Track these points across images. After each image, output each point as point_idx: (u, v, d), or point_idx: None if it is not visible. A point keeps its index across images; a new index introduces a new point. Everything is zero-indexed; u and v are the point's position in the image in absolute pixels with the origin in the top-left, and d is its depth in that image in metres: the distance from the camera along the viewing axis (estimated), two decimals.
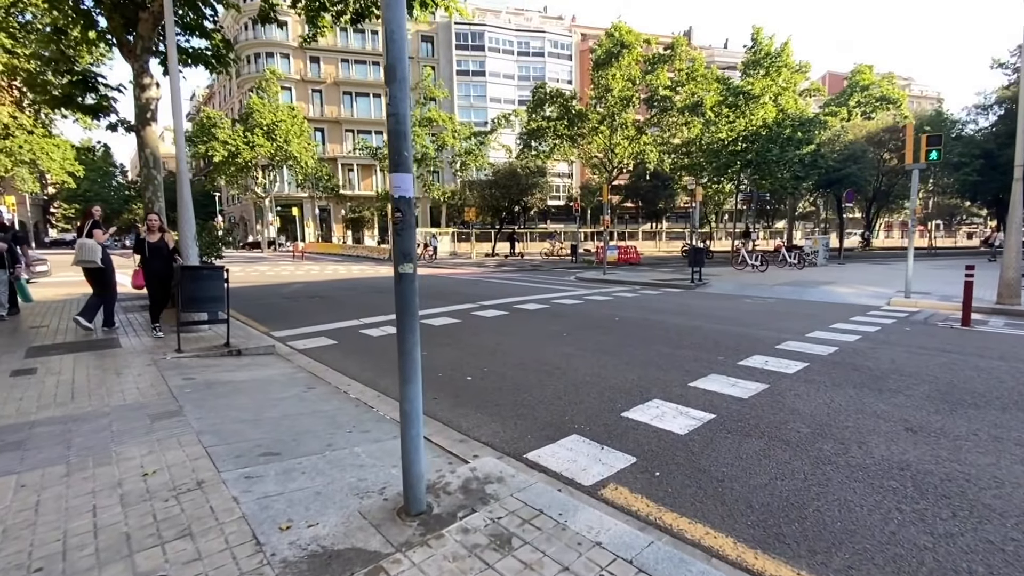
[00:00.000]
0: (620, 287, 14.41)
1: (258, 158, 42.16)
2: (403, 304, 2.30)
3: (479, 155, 42.83)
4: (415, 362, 2.36)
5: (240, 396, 4.54)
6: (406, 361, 2.34)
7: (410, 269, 2.26)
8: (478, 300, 11.29)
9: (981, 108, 37.30)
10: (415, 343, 2.34)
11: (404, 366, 2.35)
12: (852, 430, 3.75)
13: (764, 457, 3.33)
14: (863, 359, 5.82)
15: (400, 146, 2.20)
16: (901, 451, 3.40)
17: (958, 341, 6.86)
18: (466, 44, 56.33)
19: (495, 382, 5.11)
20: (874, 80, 43.31)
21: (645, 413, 4.13)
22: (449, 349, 6.62)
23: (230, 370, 5.51)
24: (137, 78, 9.35)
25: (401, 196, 2.23)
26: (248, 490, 2.75)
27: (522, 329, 8.00)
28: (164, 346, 6.37)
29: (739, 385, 4.84)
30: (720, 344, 6.67)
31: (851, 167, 31.04)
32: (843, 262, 25.72)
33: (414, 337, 2.33)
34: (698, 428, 3.82)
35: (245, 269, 22.31)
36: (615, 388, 4.82)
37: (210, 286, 6.01)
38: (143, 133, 9.42)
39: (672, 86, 32.94)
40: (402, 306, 2.30)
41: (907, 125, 11.26)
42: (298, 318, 9.17)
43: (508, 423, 4.00)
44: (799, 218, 55.66)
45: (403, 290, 2.28)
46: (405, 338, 2.32)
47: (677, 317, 8.98)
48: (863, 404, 4.30)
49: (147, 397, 4.40)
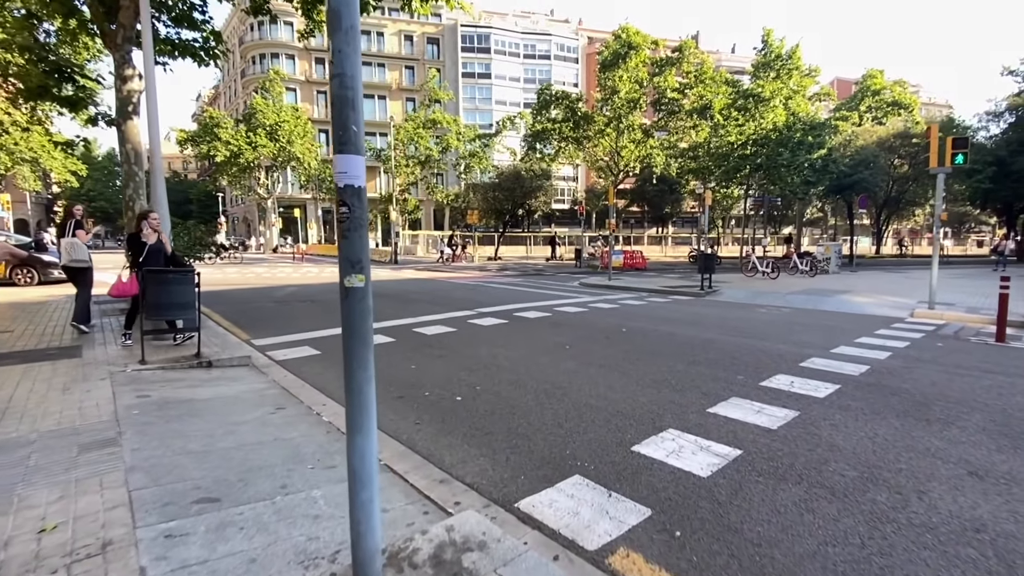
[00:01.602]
0: (626, 294, 13.82)
1: (261, 159, 41.84)
2: (351, 328, 1.73)
3: (483, 157, 42.38)
4: (367, 405, 1.79)
5: (194, 419, 3.98)
6: (355, 404, 1.77)
7: (360, 282, 1.70)
8: (476, 307, 10.73)
9: (992, 115, 36.50)
10: (367, 380, 1.78)
11: (353, 411, 1.78)
12: (906, 474, 3.16)
13: (807, 511, 2.74)
14: (899, 381, 5.21)
15: (347, 118, 1.64)
16: (971, 504, 2.80)
17: (998, 360, 6.24)
18: (472, 46, 55.96)
19: (488, 403, 4.53)
20: (885, 85, 42.62)
21: (659, 447, 3.55)
22: (440, 362, 6.05)
23: (194, 385, 4.97)
24: (118, 69, 8.87)
25: (348, 185, 1.67)
26: (163, 556, 2.19)
27: (521, 340, 7.42)
28: (129, 357, 5.84)
29: (765, 412, 4.25)
30: (738, 360, 6.07)
31: (863, 172, 30.35)
32: (855, 269, 25.01)
33: (365, 372, 1.76)
34: (723, 468, 3.23)
35: (241, 271, 21.85)
36: (624, 414, 4.23)
37: (178, 291, 5.47)
38: (124, 127, 8.92)
39: (680, 88, 32.39)
40: (350, 330, 1.73)
41: (931, 127, 10.64)
42: (284, 324, 8.64)
43: (499, 458, 3.43)
44: (806, 224, 54.89)
45: (351, 309, 1.72)
46: (354, 373, 1.75)
47: (689, 328, 8.38)
48: (912, 439, 3.70)
49: (87, 420, 3.85)
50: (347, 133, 1.64)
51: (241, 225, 60.00)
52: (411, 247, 40.37)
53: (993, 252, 28.98)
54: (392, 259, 28.75)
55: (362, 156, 1.69)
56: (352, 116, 1.64)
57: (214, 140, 39.28)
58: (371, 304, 1.75)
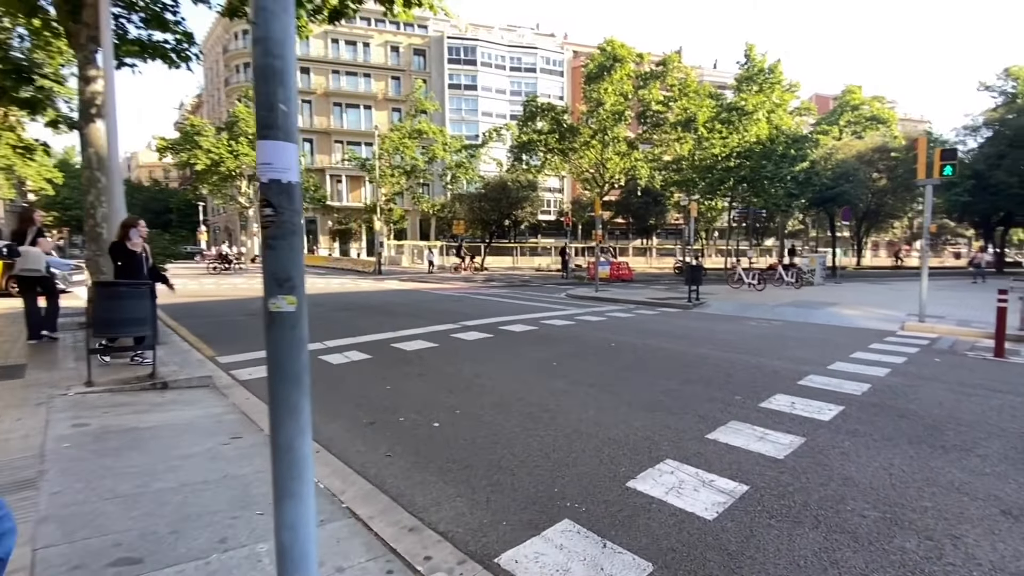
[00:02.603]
0: (614, 306, 13.53)
1: (243, 167, 41.06)
2: (278, 364, 1.34)
3: (469, 168, 42.17)
4: (299, 464, 1.40)
5: (134, 453, 3.51)
6: (284, 463, 1.38)
7: (289, 306, 1.32)
8: (460, 320, 10.32)
9: (970, 129, 37.52)
10: (300, 432, 1.39)
11: (281, 472, 1.39)
12: (933, 514, 2.83)
13: (829, 563, 2.39)
14: (905, 401, 4.94)
15: (273, 94, 1.27)
16: (1013, 552, 2.48)
17: (1001, 377, 6.03)
18: (458, 58, 56.05)
19: (468, 430, 4.13)
20: (864, 100, 43.57)
21: (657, 482, 3.18)
22: (419, 382, 5.63)
23: (143, 411, 4.48)
24: (81, 69, 8.40)
25: (274, 180, 1.30)
26: None
27: (506, 356, 7.04)
28: (76, 378, 5.31)
29: (768, 438, 3.91)
30: (733, 378, 5.76)
31: (844, 185, 30.75)
32: (839, 281, 25.16)
33: (297, 422, 1.37)
34: (729, 509, 2.87)
35: (218, 282, 21.13)
36: (616, 442, 3.87)
37: (131, 305, 4.99)
38: (87, 130, 8.41)
39: (665, 101, 32.64)
40: (276, 368, 1.34)
41: (919, 139, 10.62)
42: (255, 339, 8.12)
43: (479, 498, 3.03)
44: (788, 236, 55.60)
45: (277, 341, 1.33)
46: (281, 424, 1.36)
47: (680, 343, 8.08)
48: (932, 470, 3.40)
49: (8, 455, 3.36)
50: (273, 114, 1.27)
51: (222, 235, 58.79)
52: (396, 257, 39.83)
53: (970, 264, 29.56)
54: (376, 269, 28.20)
55: (293, 144, 1.32)
56: (280, 92, 1.27)
57: (195, 148, 38.48)
58: (305, 333, 1.37)
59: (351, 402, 4.90)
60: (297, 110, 1.34)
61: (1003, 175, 32.28)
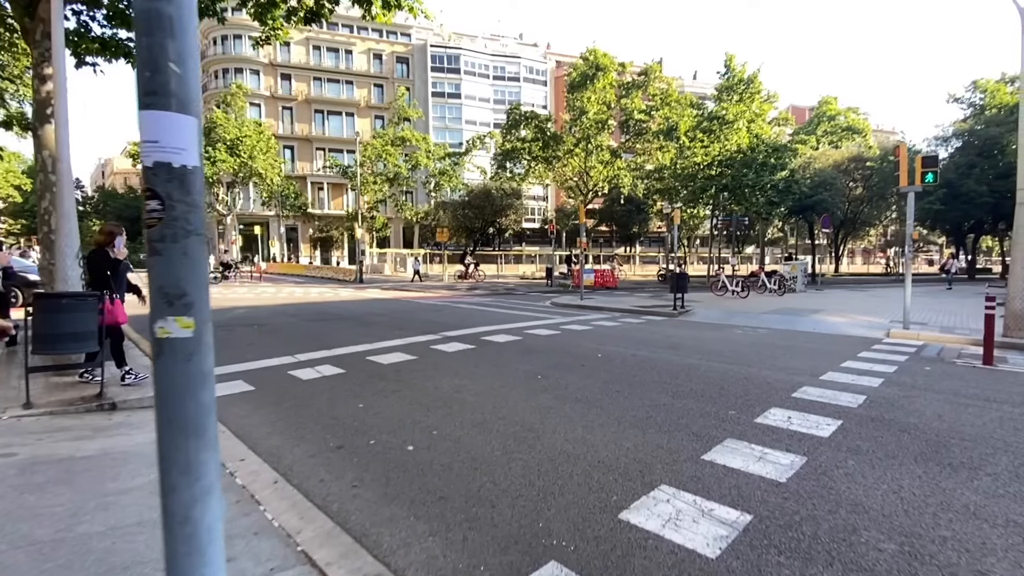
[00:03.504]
0: (599, 314, 13.29)
1: (220, 174, 40.12)
2: (170, 409, 1.01)
3: (453, 175, 41.91)
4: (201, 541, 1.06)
5: (63, 488, 3.10)
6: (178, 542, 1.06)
7: (184, 330, 0.98)
8: (441, 330, 9.96)
9: (941, 140, 38.57)
10: (201, 497, 1.06)
11: (174, 554, 1.05)
12: (954, 545, 2.58)
13: None
14: (903, 414, 4.74)
15: (159, 50, 0.95)
16: None
17: (994, 386, 5.90)
18: (442, 66, 55.98)
19: (445, 454, 3.79)
20: (840, 111, 44.56)
21: (653, 513, 2.88)
22: (394, 399, 5.26)
23: (83, 436, 4.04)
24: (36, 67, 7.89)
25: (161, 164, 0.97)
26: None
27: (489, 369, 6.70)
28: (14, 400, 4.82)
29: (768, 458, 3.65)
30: (726, 391, 5.52)
31: (823, 193, 31.28)
32: (820, 288, 25.41)
33: (196, 485, 1.05)
34: (733, 543, 2.58)
35: None
36: (607, 465, 3.56)
37: (74, 319, 4.54)
38: (41, 132, 7.89)
39: (647, 110, 32.86)
40: (166, 410, 1.01)
41: (900, 146, 10.65)
42: (223, 353, 7.65)
43: (454, 536, 2.69)
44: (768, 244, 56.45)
45: (170, 377, 1.00)
46: (175, 488, 1.03)
47: (668, 352, 7.84)
48: (944, 492, 3.16)
49: None
50: (161, 76, 0.95)
51: None
52: (379, 265, 39.18)
53: (941, 270, 30.27)
54: (357, 278, 27.61)
55: (192, 117, 1.00)
56: (171, 47, 0.95)
57: None
58: (209, 366, 1.04)
59: (319, 423, 4.51)
60: (198, 72, 1.02)
61: (973, 184, 33.19)
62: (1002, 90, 35.71)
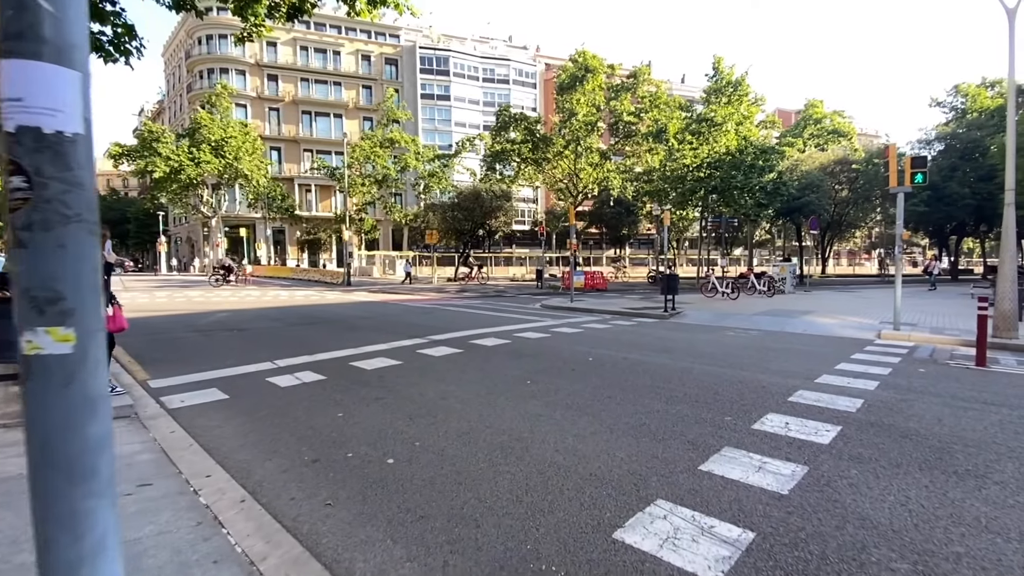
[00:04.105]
0: (589, 316, 13.13)
1: (205, 175, 39.43)
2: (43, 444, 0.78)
3: (442, 177, 41.63)
4: None
5: (5, 512, 2.82)
6: None
7: (61, 344, 0.76)
8: (429, 334, 9.71)
9: (924, 143, 39.10)
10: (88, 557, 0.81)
11: None
12: (968, 563, 2.42)
13: None
14: (903, 419, 4.60)
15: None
16: None
17: (990, 388, 5.81)
18: (431, 68, 55.69)
19: (428, 467, 3.56)
20: (826, 114, 45.06)
21: (649, 531, 2.69)
22: (376, 408, 5.02)
23: None
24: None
25: (26, 128, 0.74)
26: None
27: (476, 374, 6.48)
28: None
29: (768, 468, 3.48)
30: (720, 396, 5.36)
31: (810, 195, 31.49)
32: (808, 289, 25.53)
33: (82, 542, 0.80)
34: (736, 565, 2.39)
35: (171, 295, 19.89)
36: (599, 478, 3.36)
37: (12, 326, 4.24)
38: None
39: (636, 113, 32.92)
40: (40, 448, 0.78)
41: (889, 147, 10.65)
42: (198, 359, 7.35)
43: (434, 561, 2.47)
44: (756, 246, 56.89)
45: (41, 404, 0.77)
46: (53, 543, 0.78)
47: (660, 356, 7.68)
48: (952, 504, 3.00)
49: None
50: (25, 15, 0.72)
51: (184, 246, 56.42)
52: (367, 268, 38.76)
53: (924, 271, 30.64)
54: (345, 281, 27.22)
55: (75, 72, 0.77)
56: None
57: (153, 155, 36.70)
58: (98, 389, 0.81)
59: (295, 434, 4.26)
60: (84, 13, 0.80)
61: (956, 186, 33.67)
62: (983, 94, 36.34)
